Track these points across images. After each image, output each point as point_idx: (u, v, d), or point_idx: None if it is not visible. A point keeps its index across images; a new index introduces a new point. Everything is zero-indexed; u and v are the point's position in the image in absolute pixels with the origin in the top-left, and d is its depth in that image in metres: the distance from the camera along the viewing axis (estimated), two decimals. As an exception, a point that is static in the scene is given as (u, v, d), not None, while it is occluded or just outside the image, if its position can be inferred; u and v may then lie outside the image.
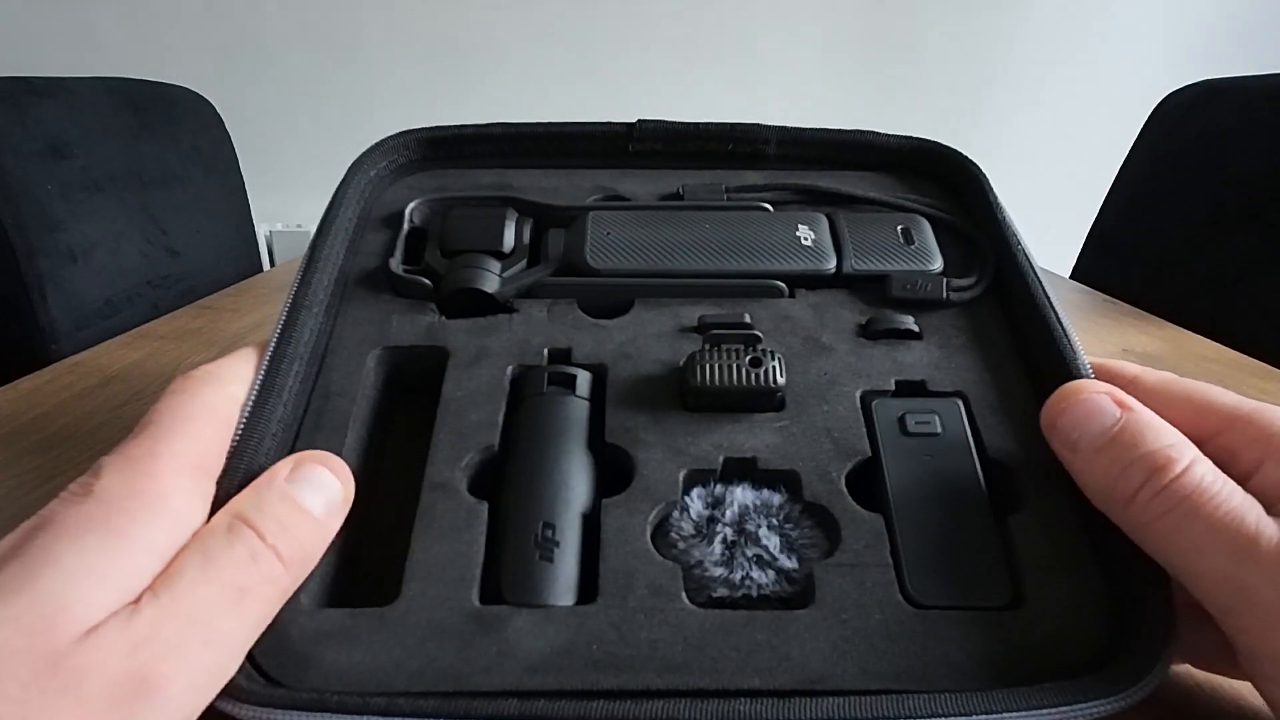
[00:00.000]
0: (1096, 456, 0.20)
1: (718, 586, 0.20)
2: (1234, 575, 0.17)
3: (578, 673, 0.18)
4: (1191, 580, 0.18)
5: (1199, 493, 0.18)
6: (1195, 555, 0.18)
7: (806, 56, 1.39)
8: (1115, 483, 0.19)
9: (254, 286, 0.66)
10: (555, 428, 0.24)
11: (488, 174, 0.32)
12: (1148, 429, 0.19)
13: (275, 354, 0.23)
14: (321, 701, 0.17)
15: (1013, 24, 1.38)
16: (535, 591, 0.20)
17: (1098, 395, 0.20)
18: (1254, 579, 0.17)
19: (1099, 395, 0.20)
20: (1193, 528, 0.18)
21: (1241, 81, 0.69)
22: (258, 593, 0.18)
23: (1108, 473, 0.19)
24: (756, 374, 0.23)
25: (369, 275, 0.28)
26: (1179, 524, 0.18)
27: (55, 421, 0.40)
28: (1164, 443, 0.19)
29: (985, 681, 0.18)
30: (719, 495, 0.22)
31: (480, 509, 0.22)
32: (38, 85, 0.71)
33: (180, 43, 1.33)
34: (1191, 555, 0.18)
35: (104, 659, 0.15)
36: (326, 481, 0.20)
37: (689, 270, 0.28)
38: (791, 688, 0.18)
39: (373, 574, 0.22)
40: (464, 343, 0.26)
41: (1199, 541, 0.18)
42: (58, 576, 0.15)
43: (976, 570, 0.20)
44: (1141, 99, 0.77)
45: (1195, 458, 0.18)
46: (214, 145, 0.89)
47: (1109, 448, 0.19)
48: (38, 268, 0.65)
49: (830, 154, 0.33)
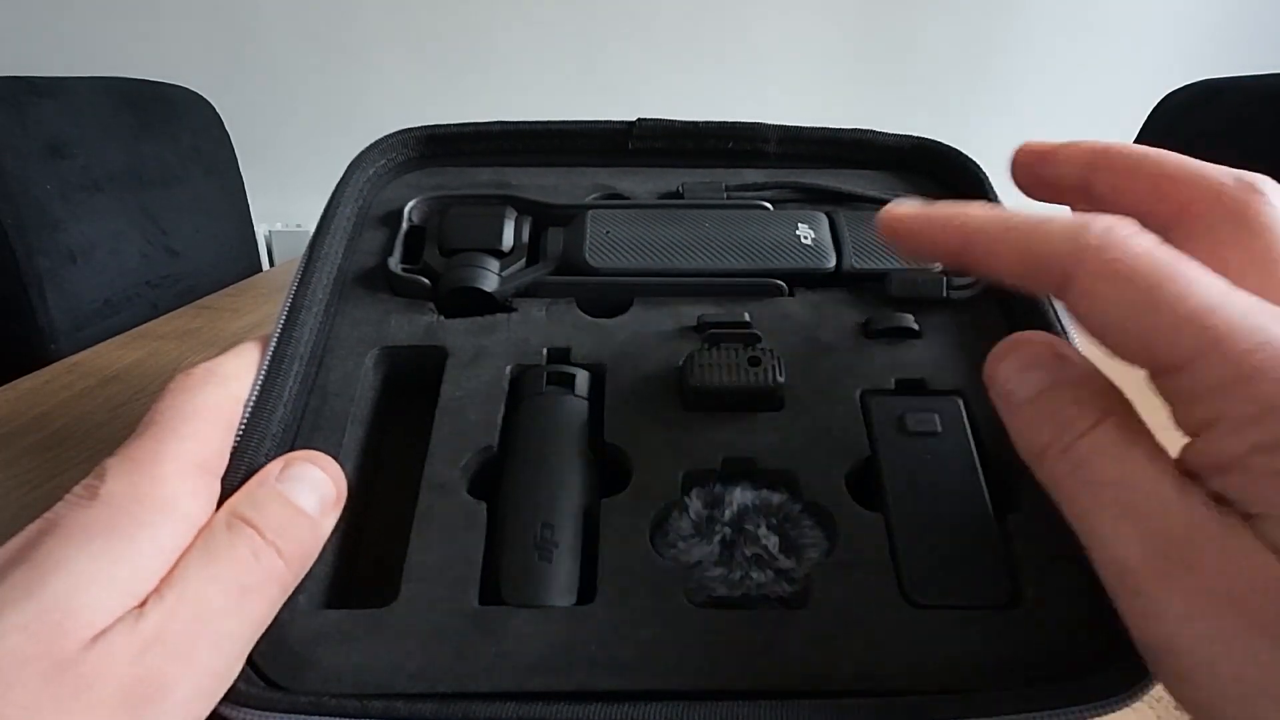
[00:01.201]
0: (1023, 408, 0.19)
1: (717, 586, 0.20)
2: (1119, 558, 0.16)
3: (577, 673, 0.18)
4: (1087, 548, 0.17)
5: (1096, 457, 0.16)
6: (1086, 526, 0.17)
7: (807, 55, 1.38)
8: (1031, 437, 0.18)
9: (253, 286, 0.66)
10: (554, 427, 0.23)
11: (486, 172, 0.32)
12: (1075, 384, 0.18)
13: (276, 353, 0.23)
14: (319, 705, 0.17)
15: (1012, 24, 1.38)
16: (534, 592, 0.20)
17: (1040, 346, 0.19)
18: (1138, 564, 0.15)
19: (1041, 346, 0.19)
20: (1086, 496, 0.17)
21: (1240, 81, 0.69)
22: (260, 591, 0.18)
23: (1029, 425, 0.18)
24: (755, 373, 0.23)
25: (367, 274, 0.28)
26: (1076, 489, 0.17)
27: (54, 421, 0.40)
28: (1080, 399, 0.17)
29: (984, 681, 0.18)
30: (718, 495, 0.22)
31: (479, 509, 0.22)
32: (37, 85, 0.71)
33: (180, 43, 1.33)
34: (1083, 525, 0.17)
35: (112, 664, 0.15)
36: (318, 480, 0.20)
37: (688, 269, 0.28)
38: (790, 688, 0.18)
39: (371, 575, 0.22)
40: (463, 342, 0.26)
41: (1090, 512, 0.16)
42: (65, 582, 0.15)
43: (976, 569, 0.20)
44: (1141, 99, 0.77)
45: (1104, 419, 0.17)
46: (213, 145, 0.89)
47: (1036, 399, 0.18)
48: (37, 267, 0.65)
49: (830, 152, 0.33)
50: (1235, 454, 0.15)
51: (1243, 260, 0.17)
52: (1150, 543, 0.15)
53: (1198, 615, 0.15)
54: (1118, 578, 0.16)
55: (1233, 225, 0.18)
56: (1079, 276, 0.16)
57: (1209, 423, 0.15)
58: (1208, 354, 0.15)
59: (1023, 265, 0.18)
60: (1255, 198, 0.18)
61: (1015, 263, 0.18)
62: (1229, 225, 0.18)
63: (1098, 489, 0.16)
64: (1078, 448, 0.17)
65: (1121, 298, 0.16)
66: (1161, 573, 0.15)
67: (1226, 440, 0.15)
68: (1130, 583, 0.16)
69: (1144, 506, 0.15)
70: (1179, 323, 0.15)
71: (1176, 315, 0.15)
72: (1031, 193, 0.23)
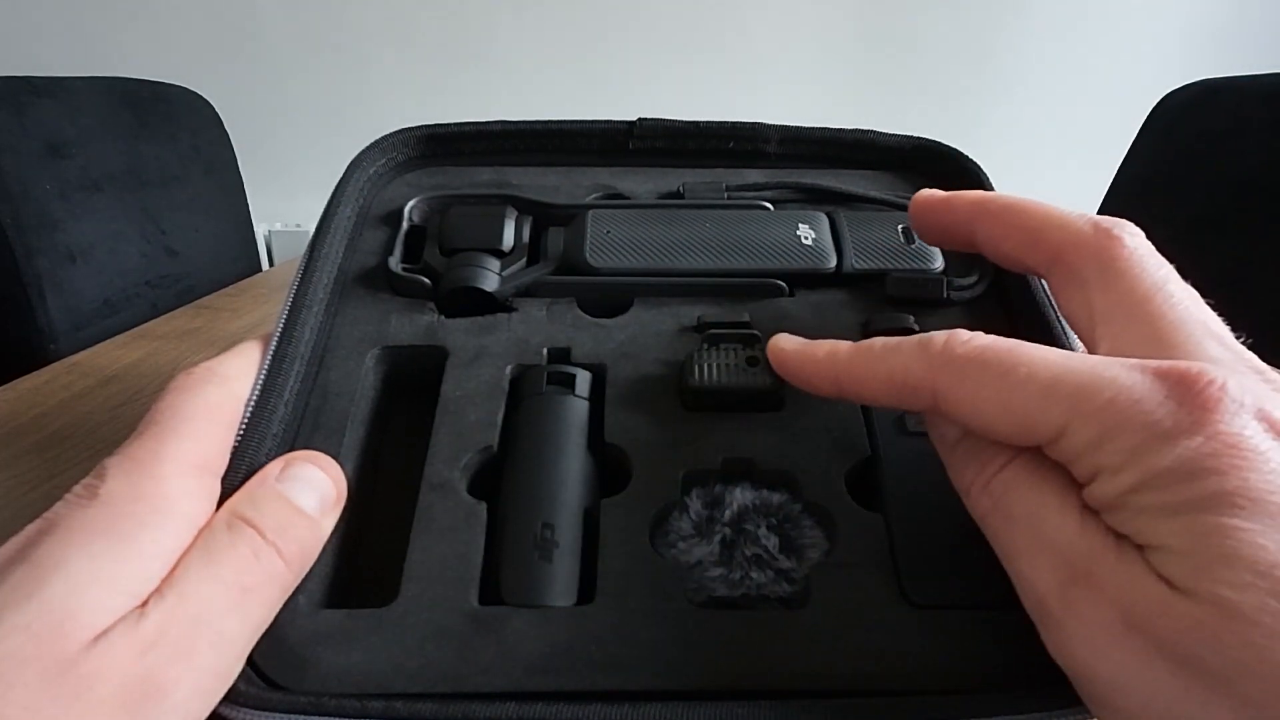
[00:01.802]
0: (954, 449, 0.20)
1: (717, 586, 0.20)
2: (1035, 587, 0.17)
3: (576, 674, 0.18)
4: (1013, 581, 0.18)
5: (1010, 492, 0.18)
6: (1008, 558, 0.18)
7: (808, 55, 1.38)
8: (958, 476, 0.19)
9: (253, 286, 0.65)
10: (554, 427, 0.23)
11: (487, 172, 0.32)
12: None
13: (277, 353, 0.23)
14: (319, 705, 0.17)
15: (1012, 24, 1.38)
16: (534, 592, 0.20)
17: None
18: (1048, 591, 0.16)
19: None
20: (1005, 529, 0.18)
21: (1239, 81, 0.69)
22: (260, 592, 0.18)
23: (958, 464, 0.19)
24: (755, 373, 0.23)
25: (367, 274, 0.28)
26: (997, 524, 0.18)
27: (54, 422, 0.39)
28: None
29: (983, 682, 0.18)
30: (718, 495, 0.22)
31: (479, 509, 0.22)
32: (37, 85, 0.71)
33: (179, 42, 1.33)
34: (1005, 557, 0.18)
35: (113, 665, 0.15)
36: (318, 480, 0.20)
37: (689, 269, 0.28)
38: (789, 688, 0.18)
39: (371, 575, 0.22)
40: (463, 342, 0.26)
41: (1009, 544, 0.18)
42: (66, 583, 0.15)
43: (975, 570, 0.20)
44: (1140, 99, 0.77)
45: (1017, 456, 0.18)
46: (213, 145, 0.89)
47: (963, 439, 0.19)
48: (36, 268, 0.65)
49: (831, 153, 0.33)
50: (1117, 496, 0.16)
51: (1107, 303, 0.19)
52: (1059, 572, 0.16)
53: (1104, 641, 0.15)
54: (1036, 606, 0.17)
55: (1097, 270, 0.19)
56: (940, 385, 0.18)
57: (1092, 475, 0.16)
58: (1072, 421, 0.16)
59: (895, 394, 0.19)
60: (1113, 244, 0.20)
61: (885, 394, 0.20)
62: (1094, 270, 0.20)
63: (1012, 522, 0.17)
64: (994, 484, 0.18)
65: (983, 388, 0.17)
66: (1070, 600, 0.16)
67: (1108, 486, 0.16)
68: (1044, 610, 0.17)
69: (1052, 537, 0.17)
70: (1040, 394, 0.17)
71: (1034, 390, 0.17)
72: (928, 239, 0.25)
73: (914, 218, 0.25)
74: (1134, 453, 0.15)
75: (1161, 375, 0.16)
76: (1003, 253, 0.22)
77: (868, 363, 0.20)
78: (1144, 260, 0.19)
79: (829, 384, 0.21)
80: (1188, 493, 0.15)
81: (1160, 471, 0.15)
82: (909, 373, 0.19)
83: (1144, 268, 0.19)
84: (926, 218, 0.24)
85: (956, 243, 0.24)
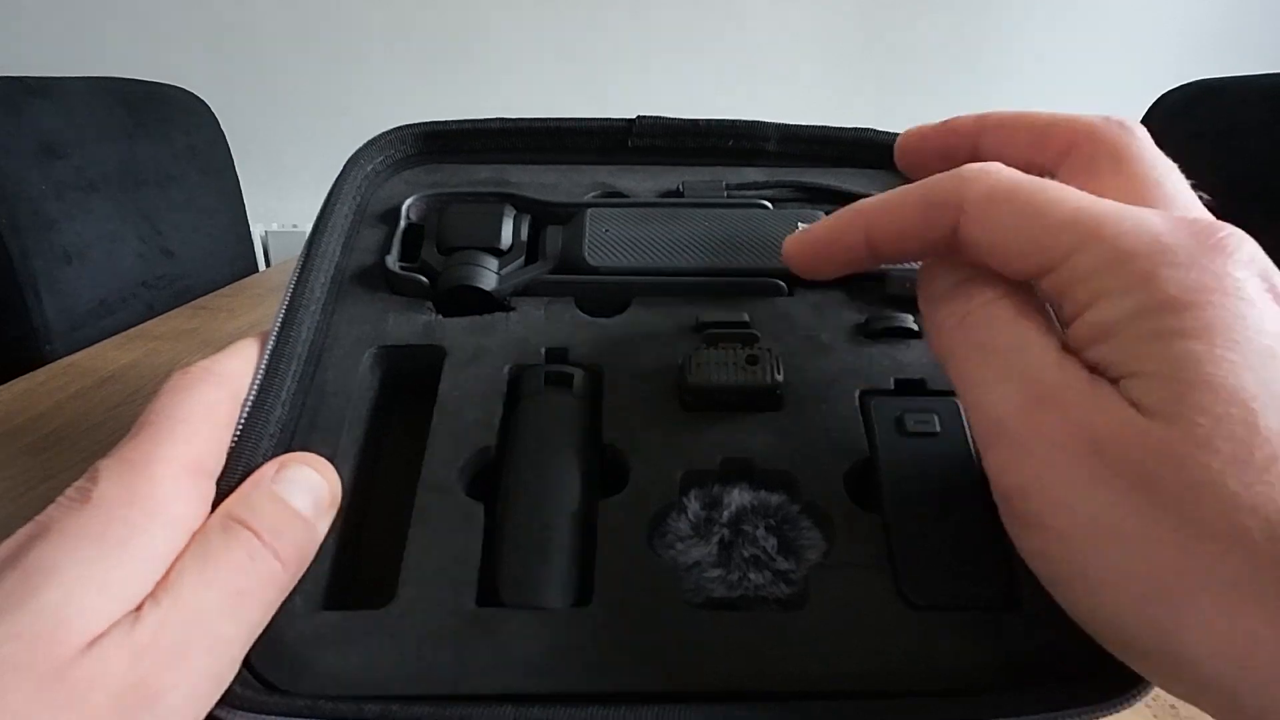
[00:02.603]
0: (939, 297, 0.20)
1: (715, 587, 0.20)
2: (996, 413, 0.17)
3: (574, 675, 0.18)
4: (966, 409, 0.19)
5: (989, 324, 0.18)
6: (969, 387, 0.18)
7: (808, 54, 1.39)
8: (940, 319, 0.20)
9: (249, 287, 0.65)
10: (552, 428, 0.23)
11: (485, 170, 0.32)
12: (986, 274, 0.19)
13: (274, 352, 0.23)
14: (315, 708, 0.17)
15: (1010, 24, 1.38)
16: (532, 593, 0.20)
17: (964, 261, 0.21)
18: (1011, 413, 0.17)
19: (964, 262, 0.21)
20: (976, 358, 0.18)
21: (1236, 81, 0.69)
22: (256, 594, 0.18)
23: (941, 308, 0.20)
24: (754, 372, 0.23)
25: (365, 273, 0.28)
26: (967, 353, 0.19)
27: (50, 423, 0.39)
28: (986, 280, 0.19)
29: (982, 683, 0.18)
30: (716, 495, 0.22)
31: (477, 510, 0.21)
32: (31, 85, 0.70)
33: (175, 42, 1.33)
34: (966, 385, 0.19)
35: (107, 670, 0.15)
36: (313, 482, 0.20)
37: (688, 268, 0.28)
38: (788, 690, 0.18)
39: (368, 576, 0.22)
40: (461, 341, 0.26)
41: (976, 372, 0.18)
42: (59, 588, 0.15)
43: (974, 570, 0.20)
44: (1137, 98, 0.77)
45: (1004, 295, 0.18)
46: (209, 145, 0.89)
47: (952, 287, 0.20)
48: (32, 268, 0.65)
49: (830, 151, 0.33)
50: (1111, 322, 0.16)
51: (1121, 185, 0.19)
52: (1025, 393, 0.17)
53: (1060, 458, 0.16)
54: (991, 427, 0.18)
55: (1110, 158, 0.20)
56: (967, 205, 0.19)
57: (1089, 302, 0.17)
58: (1087, 243, 0.17)
59: (922, 215, 0.20)
60: (1126, 134, 0.20)
61: (917, 217, 0.20)
62: (1106, 158, 0.20)
63: (985, 352, 0.18)
64: (973, 316, 0.19)
65: (1005, 211, 0.18)
66: (1032, 419, 0.16)
67: (1104, 312, 0.16)
68: (1000, 429, 0.17)
69: (1025, 364, 0.17)
70: (1060, 223, 0.17)
71: (1057, 217, 0.17)
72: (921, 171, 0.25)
73: (906, 153, 0.25)
74: (1143, 276, 0.16)
75: (1184, 222, 0.17)
76: (1009, 159, 0.22)
77: (900, 191, 0.20)
78: (1155, 150, 0.20)
79: (857, 232, 0.21)
80: (1181, 322, 0.15)
81: (1163, 299, 0.15)
82: (942, 191, 0.19)
83: (1156, 155, 0.20)
84: (923, 146, 0.24)
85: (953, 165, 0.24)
